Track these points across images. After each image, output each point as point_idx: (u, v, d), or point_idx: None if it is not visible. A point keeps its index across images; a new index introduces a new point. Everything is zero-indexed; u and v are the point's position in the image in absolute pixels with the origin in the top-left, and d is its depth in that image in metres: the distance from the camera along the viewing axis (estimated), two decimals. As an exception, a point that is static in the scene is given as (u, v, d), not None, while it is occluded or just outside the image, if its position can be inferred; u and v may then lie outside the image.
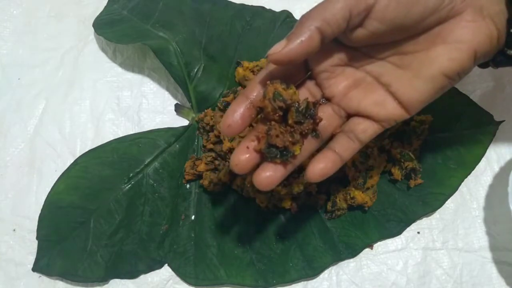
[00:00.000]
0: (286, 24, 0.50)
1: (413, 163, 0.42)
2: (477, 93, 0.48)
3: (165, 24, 0.48)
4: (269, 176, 0.30)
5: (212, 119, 0.45)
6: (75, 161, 0.45)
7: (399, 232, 0.43)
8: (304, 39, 0.27)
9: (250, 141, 0.30)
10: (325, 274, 0.43)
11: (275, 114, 0.29)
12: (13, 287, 0.43)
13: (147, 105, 0.50)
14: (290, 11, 0.51)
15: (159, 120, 0.50)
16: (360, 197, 0.42)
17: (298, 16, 0.50)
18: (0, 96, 0.51)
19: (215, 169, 0.45)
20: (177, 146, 0.46)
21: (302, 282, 0.43)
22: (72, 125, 0.49)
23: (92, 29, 0.51)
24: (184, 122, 0.49)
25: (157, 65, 0.50)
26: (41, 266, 0.42)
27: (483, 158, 0.44)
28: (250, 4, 0.51)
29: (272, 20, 0.50)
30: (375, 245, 0.44)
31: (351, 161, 0.42)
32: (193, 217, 0.45)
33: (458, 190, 0.44)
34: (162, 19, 0.49)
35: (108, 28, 0.50)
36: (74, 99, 0.50)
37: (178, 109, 0.49)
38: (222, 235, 0.44)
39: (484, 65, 0.34)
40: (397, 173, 0.43)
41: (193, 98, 0.47)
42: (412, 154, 0.43)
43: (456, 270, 0.43)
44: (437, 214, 0.45)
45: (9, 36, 0.53)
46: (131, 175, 0.44)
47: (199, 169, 0.44)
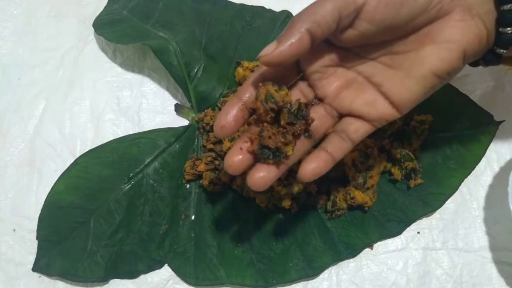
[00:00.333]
0: (286, 24, 0.49)
1: (413, 163, 0.42)
2: (477, 93, 0.48)
3: (165, 24, 0.48)
4: (263, 177, 0.30)
5: (212, 119, 0.45)
6: (75, 161, 0.45)
7: (399, 232, 0.43)
8: (294, 41, 0.27)
9: (243, 143, 0.31)
10: (325, 274, 0.43)
11: (267, 116, 0.29)
12: (13, 287, 0.44)
13: (147, 105, 0.50)
14: (290, 11, 0.51)
15: (159, 120, 0.50)
16: (360, 197, 0.42)
17: (298, 16, 0.50)
18: (0, 96, 0.51)
19: (215, 169, 0.45)
20: (177, 146, 0.46)
21: (302, 282, 0.43)
22: (72, 125, 0.49)
23: (92, 29, 0.51)
24: (184, 122, 0.49)
25: (157, 65, 0.50)
26: (41, 266, 0.42)
27: (483, 158, 0.44)
28: (250, 4, 0.51)
29: (272, 20, 0.50)
30: (375, 245, 0.44)
31: (351, 161, 0.42)
32: (193, 217, 0.45)
33: (458, 190, 0.44)
34: (162, 19, 0.49)
35: (108, 28, 0.50)
36: (74, 99, 0.51)
37: (178, 109, 0.49)
38: (222, 235, 0.44)
39: (475, 64, 0.34)
40: (397, 173, 0.43)
41: (193, 98, 0.47)
42: (412, 154, 0.43)
43: (456, 270, 0.43)
44: (437, 214, 0.45)
45: (9, 36, 0.53)
46: (131, 175, 0.44)
47: (199, 169, 0.44)
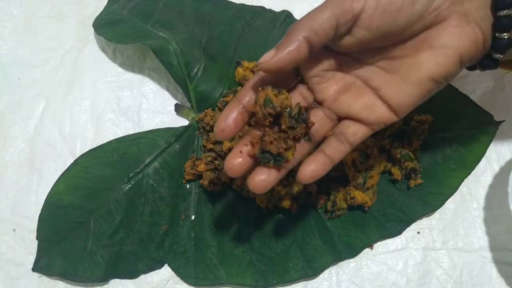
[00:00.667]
0: (286, 24, 0.50)
1: (413, 163, 0.42)
2: (477, 93, 0.48)
3: (165, 24, 0.48)
4: (263, 180, 0.31)
5: (212, 119, 0.45)
6: (75, 161, 0.45)
7: (399, 232, 0.43)
8: (292, 49, 0.28)
9: (243, 146, 0.31)
10: (325, 274, 0.43)
11: (266, 120, 0.30)
12: (13, 287, 0.44)
13: (147, 105, 0.50)
14: (290, 11, 0.51)
15: (159, 120, 0.50)
16: (360, 197, 0.42)
17: (298, 16, 0.50)
18: (0, 96, 0.51)
19: (215, 169, 0.45)
20: (177, 146, 0.46)
21: (302, 282, 0.43)
22: (72, 125, 0.49)
23: (92, 29, 0.51)
24: (184, 122, 0.49)
25: (157, 65, 0.50)
26: (41, 266, 0.42)
27: (483, 158, 0.44)
28: (250, 4, 0.51)
29: (272, 20, 0.50)
30: (375, 245, 0.44)
31: (351, 161, 0.42)
32: (193, 217, 0.45)
33: (458, 190, 0.44)
34: (162, 19, 0.49)
35: (108, 28, 0.50)
36: (74, 99, 0.51)
37: (178, 109, 0.49)
38: (222, 235, 0.44)
39: (472, 68, 0.34)
40: (397, 173, 0.43)
41: (193, 98, 0.47)
42: (412, 154, 0.43)
43: (456, 270, 0.43)
44: (437, 214, 0.45)
45: (9, 36, 0.53)
46: (131, 175, 0.44)
47: (199, 169, 0.44)
